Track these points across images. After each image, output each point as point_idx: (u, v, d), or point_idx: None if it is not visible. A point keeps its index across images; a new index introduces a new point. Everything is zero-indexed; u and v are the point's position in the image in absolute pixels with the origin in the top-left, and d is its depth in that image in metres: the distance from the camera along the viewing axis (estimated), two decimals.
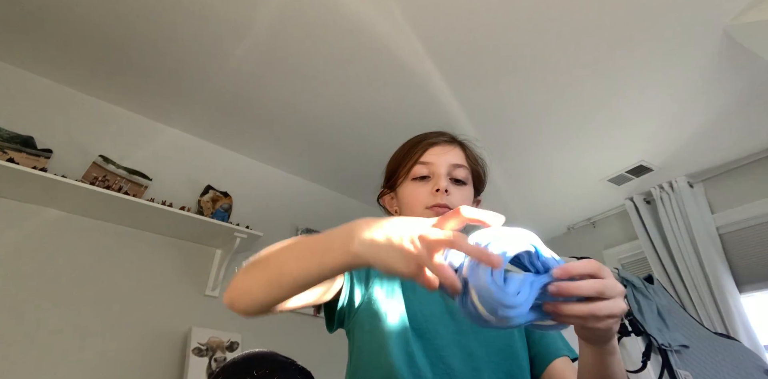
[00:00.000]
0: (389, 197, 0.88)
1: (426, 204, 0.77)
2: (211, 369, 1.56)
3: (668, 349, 1.39)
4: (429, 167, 0.80)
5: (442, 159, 0.80)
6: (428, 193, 0.77)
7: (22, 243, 1.48)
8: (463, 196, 0.80)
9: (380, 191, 0.90)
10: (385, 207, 0.89)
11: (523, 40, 1.55)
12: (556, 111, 1.89)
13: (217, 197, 1.93)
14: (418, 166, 0.80)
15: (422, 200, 0.77)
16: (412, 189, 0.80)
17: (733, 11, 1.43)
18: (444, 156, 0.81)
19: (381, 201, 0.90)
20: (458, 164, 0.81)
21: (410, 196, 0.80)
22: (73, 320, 1.46)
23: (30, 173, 1.41)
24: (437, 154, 0.81)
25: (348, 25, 1.51)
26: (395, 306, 0.70)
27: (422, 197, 0.78)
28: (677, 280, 2.14)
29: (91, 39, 1.58)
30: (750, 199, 2.08)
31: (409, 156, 0.82)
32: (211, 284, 1.81)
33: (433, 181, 0.79)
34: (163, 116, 1.98)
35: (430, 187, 0.78)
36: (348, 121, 1.99)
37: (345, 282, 0.69)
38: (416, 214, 0.77)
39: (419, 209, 0.77)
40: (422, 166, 0.80)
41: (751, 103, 1.81)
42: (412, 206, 0.79)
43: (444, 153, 0.82)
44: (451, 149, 0.83)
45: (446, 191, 0.76)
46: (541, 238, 0.44)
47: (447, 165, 0.80)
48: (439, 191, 0.76)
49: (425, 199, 0.77)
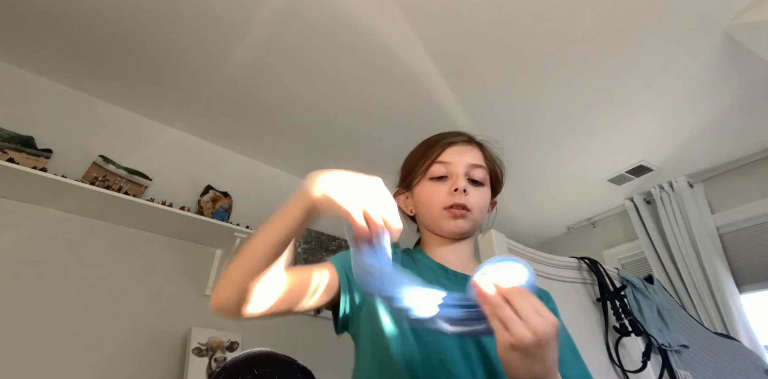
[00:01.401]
0: (404, 197, 0.86)
1: (444, 204, 0.76)
2: (211, 369, 1.56)
3: (668, 349, 1.39)
4: (447, 167, 0.79)
5: (461, 159, 0.79)
6: (446, 192, 0.76)
7: (22, 243, 1.48)
8: (480, 197, 0.79)
9: (395, 191, 0.88)
10: (400, 207, 0.87)
11: (523, 40, 1.55)
12: (556, 111, 1.89)
13: (217, 197, 1.93)
14: (436, 165, 0.79)
15: (440, 200, 0.76)
16: (430, 189, 0.79)
17: (733, 11, 1.44)
18: (463, 156, 0.80)
19: (396, 201, 0.89)
20: (477, 164, 0.80)
21: (427, 195, 0.79)
22: (73, 320, 1.46)
23: (30, 173, 1.41)
24: (456, 153, 0.80)
25: (348, 26, 1.51)
26: None
27: (440, 196, 0.77)
28: (677, 280, 2.14)
29: (91, 39, 1.58)
30: (750, 199, 2.08)
31: (427, 155, 0.81)
32: (211, 284, 1.81)
33: (451, 180, 0.77)
34: (163, 116, 1.98)
35: (448, 187, 0.77)
36: (349, 121, 1.99)
37: (342, 287, 0.68)
38: (433, 214, 0.77)
39: (437, 209, 0.76)
40: (440, 166, 0.79)
41: (751, 103, 1.81)
42: (429, 205, 0.78)
43: (463, 153, 0.80)
44: (470, 149, 0.82)
45: (464, 191, 0.75)
46: (541, 238, 0.45)
47: (466, 165, 0.79)
48: (458, 191, 0.75)
49: (443, 198, 0.76)
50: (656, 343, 1.38)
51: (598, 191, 2.46)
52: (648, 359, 1.35)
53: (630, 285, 1.51)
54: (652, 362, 1.37)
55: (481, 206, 0.78)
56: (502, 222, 2.84)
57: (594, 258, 1.55)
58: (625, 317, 1.41)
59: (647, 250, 2.31)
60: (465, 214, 0.75)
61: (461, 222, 0.75)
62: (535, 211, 2.66)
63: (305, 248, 2.17)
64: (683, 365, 1.40)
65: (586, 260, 1.53)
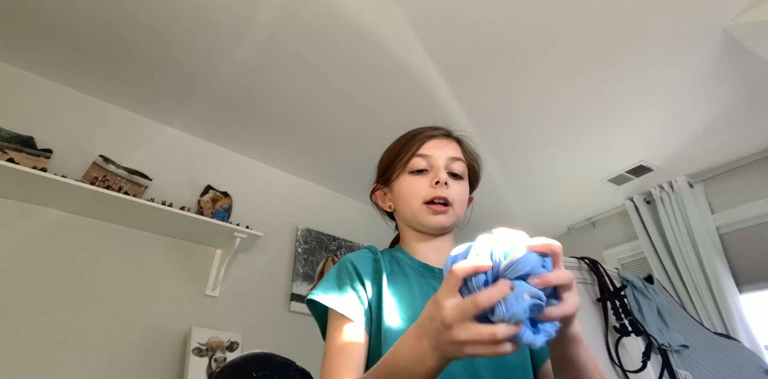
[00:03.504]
0: (382, 193, 0.86)
1: (425, 197, 0.75)
2: (211, 369, 1.56)
3: (668, 349, 1.39)
4: (427, 160, 0.78)
5: (441, 152, 0.79)
6: (427, 186, 0.76)
7: (22, 243, 1.48)
8: (460, 190, 0.78)
9: (373, 187, 0.87)
10: (377, 203, 0.87)
11: (523, 41, 1.55)
12: (556, 111, 1.89)
13: (217, 197, 1.93)
14: (416, 158, 0.78)
15: (421, 193, 0.76)
16: (410, 182, 0.78)
17: (733, 11, 1.44)
18: (442, 149, 0.79)
19: (373, 197, 0.88)
20: (456, 157, 0.79)
21: (408, 189, 0.78)
22: (73, 320, 1.46)
23: (30, 173, 1.41)
24: (435, 147, 0.79)
25: (348, 26, 1.51)
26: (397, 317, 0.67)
27: (420, 189, 0.76)
28: (677, 280, 2.14)
29: (91, 39, 1.58)
30: (750, 199, 2.08)
31: (406, 149, 0.80)
32: (211, 284, 1.81)
33: (431, 173, 0.77)
34: (163, 116, 1.98)
35: (428, 180, 0.76)
36: (348, 121, 1.99)
37: (367, 330, 0.66)
38: (413, 208, 0.76)
39: (417, 203, 0.75)
40: (420, 159, 0.78)
41: (751, 103, 1.81)
42: (410, 199, 0.77)
43: (442, 146, 0.80)
44: (448, 143, 0.82)
45: (446, 184, 0.74)
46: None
47: (446, 158, 0.78)
48: (439, 183, 0.74)
49: (424, 191, 0.75)
50: (656, 343, 1.38)
51: (598, 190, 2.46)
52: (648, 359, 1.35)
53: (630, 285, 1.51)
54: (652, 362, 1.36)
55: (461, 200, 0.78)
56: (502, 222, 2.85)
57: (594, 258, 1.55)
58: (625, 317, 1.41)
59: (647, 250, 2.31)
60: (446, 210, 0.75)
61: (442, 217, 0.74)
62: (535, 211, 2.66)
63: (305, 248, 2.17)
64: (683, 365, 1.40)
65: (586, 260, 1.53)
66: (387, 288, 0.70)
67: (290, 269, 2.09)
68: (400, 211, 0.81)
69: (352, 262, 0.73)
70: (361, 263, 0.73)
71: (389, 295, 0.69)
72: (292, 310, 1.96)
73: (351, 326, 0.64)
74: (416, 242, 0.79)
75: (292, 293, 2.00)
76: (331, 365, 0.61)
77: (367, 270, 0.73)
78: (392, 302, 0.68)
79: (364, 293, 0.69)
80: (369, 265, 0.74)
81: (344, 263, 0.74)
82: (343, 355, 0.61)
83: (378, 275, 0.72)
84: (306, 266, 2.12)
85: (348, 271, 0.72)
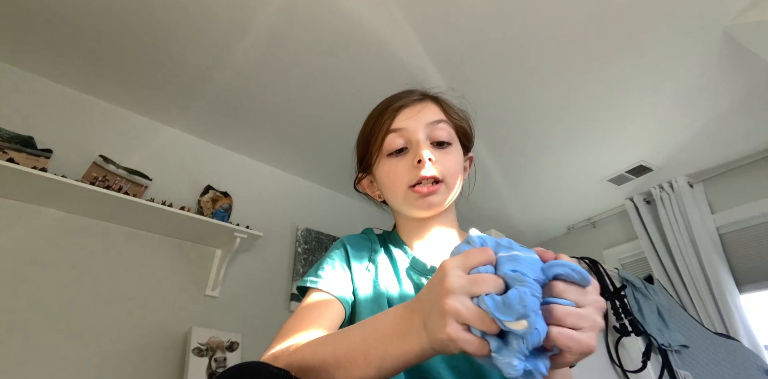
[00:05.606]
0: (368, 181, 0.74)
1: (409, 182, 0.64)
2: (211, 369, 1.56)
3: (668, 349, 1.39)
4: (403, 134, 0.66)
5: (416, 121, 0.66)
6: (409, 167, 0.64)
7: (22, 243, 1.48)
8: (451, 160, 0.66)
9: (355, 176, 0.76)
10: (366, 193, 0.77)
11: (523, 41, 1.55)
12: (556, 111, 1.89)
13: (217, 197, 1.93)
14: (390, 136, 0.66)
15: (403, 178, 0.64)
16: (390, 167, 0.66)
17: (733, 11, 1.44)
18: (417, 117, 0.67)
19: (360, 187, 0.77)
20: (437, 120, 0.67)
21: (389, 176, 0.66)
22: (73, 319, 1.46)
23: (30, 173, 1.41)
24: (409, 117, 0.67)
25: (348, 26, 1.51)
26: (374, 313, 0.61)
27: (402, 174, 0.64)
28: (677, 280, 2.14)
29: (91, 39, 1.58)
30: (750, 199, 2.08)
31: (377, 127, 0.68)
32: (211, 284, 1.81)
33: (411, 151, 0.65)
34: (163, 116, 1.98)
35: (410, 161, 0.64)
36: (348, 122, 1.98)
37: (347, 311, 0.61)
38: (399, 195, 0.66)
39: (401, 190, 0.65)
40: (395, 135, 0.66)
41: (750, 103, 1.81)
42: (393, 186, 0.66)
43: (416, 113, 0.67)
44: (424, 107, 0.69)
45: (430, 160, 0.63)
46: (541, 238, 0.44)
47: (424, 125, 0.66)
48: (422, 162, 0.62)
49: (406, 176, 0.64)
50: (656, 343, 1.38)
51: (598, 191, 2.46)
52: (648, 359, 1.35)
53: (630, 285, 1.51)
54: (652, 362, 1.37)
55: (454, 171, 0.66)
56: (502, 222, 2.85)
57: (594, 258, 1.55)
58: (625, 317, 1.41)
59: (647, 250, 2.31)
60: (436, 189, 0.64)
61: (433, 197, 0.64)
62: (535, 211, 2.66)
63: (305, 248, 2.17)
64: (683, 365, 1.40)
65: (586, 260, 1.53)
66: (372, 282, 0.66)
67: (290, 269, 2.09)
68: (387, 200, 0.71)
69: (345, 245, 0.69)
70: (355, 247, 0.69)
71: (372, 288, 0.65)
72: (292, 310, 1.96)
73: (327, 297, 0.59)
74: (413, 228, 0.71)
75: (292, 293, 2.00)
76: (289, 321, 0.55)
77: (360, 254, 0.68)
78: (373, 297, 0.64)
79: (350, 277, 0.65)
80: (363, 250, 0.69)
81: (338, 245, 0.69)
82: (309, 311, 0.56)
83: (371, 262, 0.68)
84: (306, 266, 2.11)
85: (339, 253, 0.68)
